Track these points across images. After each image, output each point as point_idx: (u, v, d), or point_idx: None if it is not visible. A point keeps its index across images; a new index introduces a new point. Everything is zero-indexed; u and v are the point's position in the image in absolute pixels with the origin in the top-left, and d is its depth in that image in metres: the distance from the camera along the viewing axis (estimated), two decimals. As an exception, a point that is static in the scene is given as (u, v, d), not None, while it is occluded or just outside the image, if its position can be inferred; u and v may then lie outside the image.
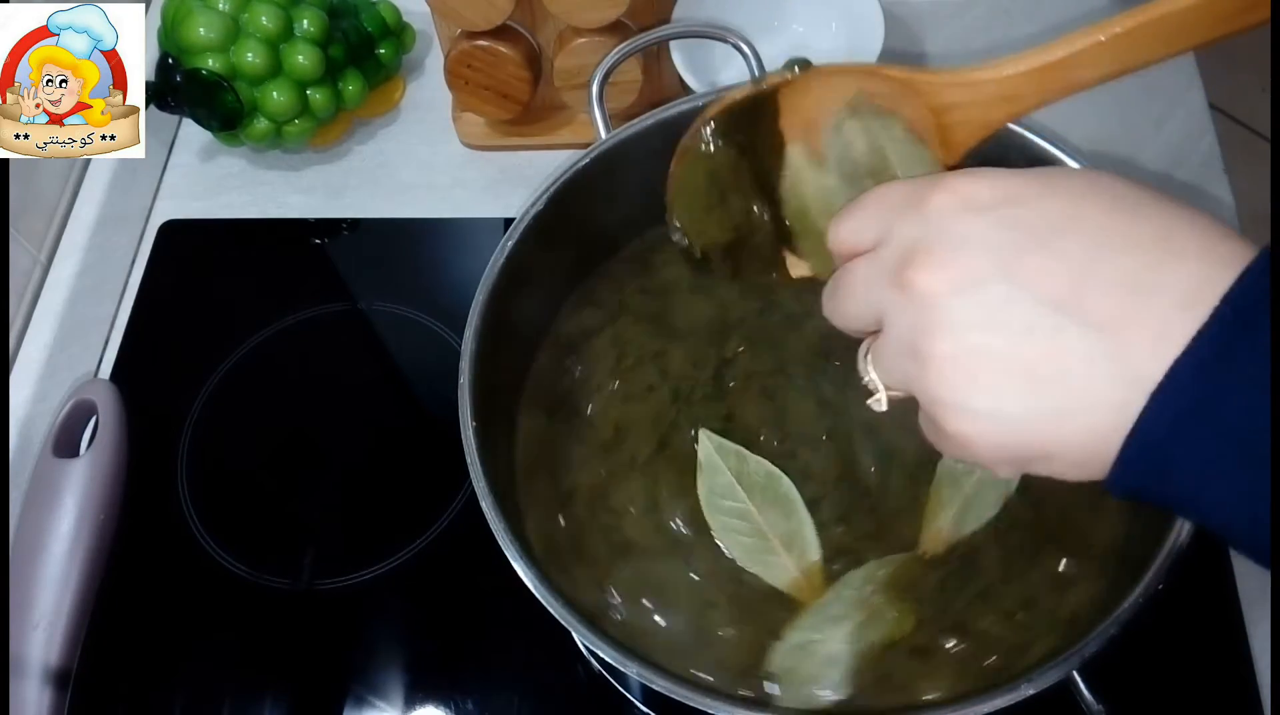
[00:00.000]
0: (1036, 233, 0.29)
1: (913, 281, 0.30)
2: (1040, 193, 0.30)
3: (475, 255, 0.64)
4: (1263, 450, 0.25)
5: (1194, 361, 0.26)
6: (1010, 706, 0.37)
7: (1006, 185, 0.31)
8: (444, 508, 0.56)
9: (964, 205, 0.30)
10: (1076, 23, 0.75)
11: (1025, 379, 0.29)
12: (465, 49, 0.61)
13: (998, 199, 0.30)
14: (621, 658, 0.39)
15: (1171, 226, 0.28)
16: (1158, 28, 0.32)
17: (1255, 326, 0.26)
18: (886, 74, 0.37)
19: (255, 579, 0.55)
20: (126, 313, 0.65)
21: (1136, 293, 0.27)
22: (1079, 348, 0.28)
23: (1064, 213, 0.29)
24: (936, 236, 0.30)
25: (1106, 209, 0.29)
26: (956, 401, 0.30)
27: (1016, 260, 0.29)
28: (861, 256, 0.33)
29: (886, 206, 0.33)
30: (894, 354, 0.32)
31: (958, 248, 0.30)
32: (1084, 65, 0.33)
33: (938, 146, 0.38)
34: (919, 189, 0.32)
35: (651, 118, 0.50)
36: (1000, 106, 0.36)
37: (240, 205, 0.69)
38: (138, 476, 0.58)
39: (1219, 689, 0.49)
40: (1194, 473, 0.27)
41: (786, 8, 0.69)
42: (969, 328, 0.29)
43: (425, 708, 0.51)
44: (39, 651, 0.52)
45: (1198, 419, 0.26)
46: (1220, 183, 0.64)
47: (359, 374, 0.63)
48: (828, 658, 0.43)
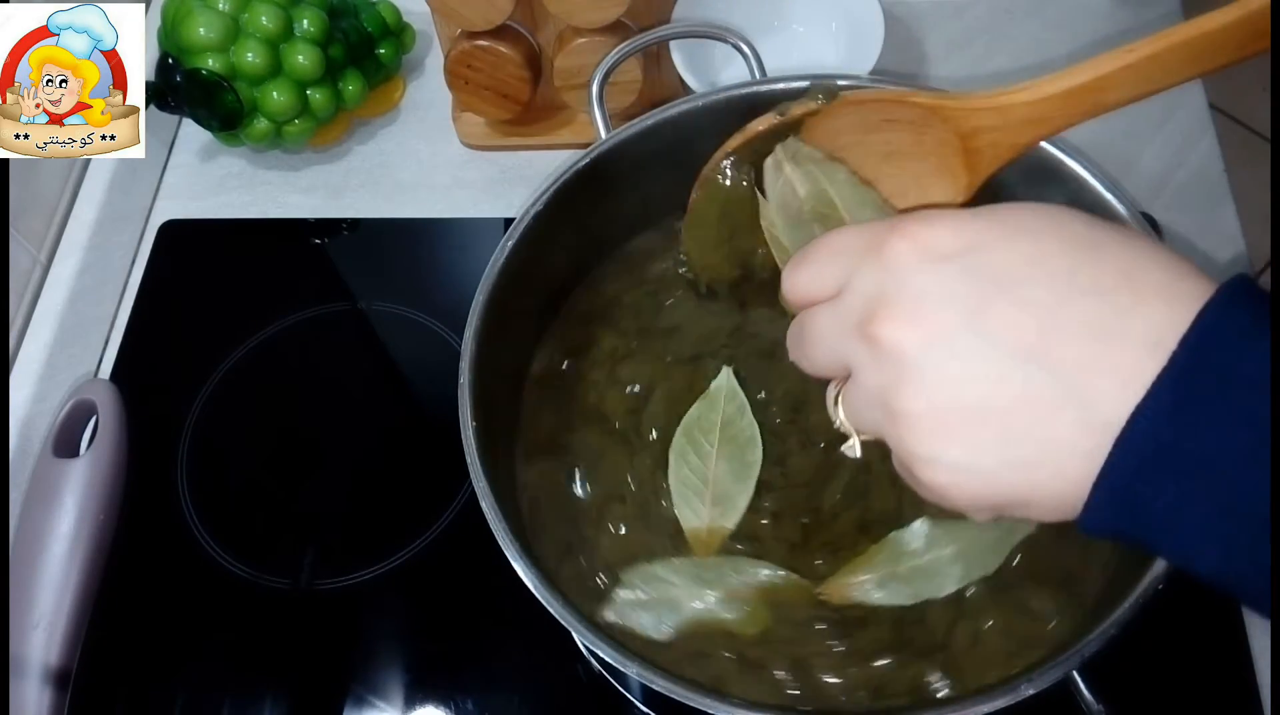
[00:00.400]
0: (1000, 282, 0.29)
1: (878, 336, 0.30)
2: (1001, 237, 0.30)
3: (475, 255, 0.64)
4: (1229, 491, 0.25)
5: (1155, 406, 0.26)
6: (1010, 706, 0.37)
7: (966, 230, 0.30)
8: (444, 508, 0.56)
9: (924, 254, 0.30)
10: (1076, 22, 0.76)
11: (998, 431, 0.29)
12: (465, 49, 0.61)
13: (959, 247, 0.30)
14: (621, 658, 0.39)
15: (1133, 265, 0.28)
16: (1184, 50, 0.31)
17: (1213, 367, 0.26)
18: (914, 100, 0.37)
19: (255, 579, 0.55)
20: (126, 313, 0.65)
21: (1102, 338, 0.27)
22: (1048, 397, 0.28)
23: (1026, 257, 0.29)
24: (898, 288, 0.30)
25: (1068, 249, 0.29)
26: (930, 455, 0.30)
27: (983, 312, 0.29)
28: (823, 304, 0.33)
29: (843, 253, 0.33)
30: (864, 405, 0.32)
31: (922, 300, 0.30)
32: (1111, 87, 0.33)
33: (963, 170, 0.37)
34: (876, 235, 0.31)
35: (651, 118, 0.50)
36: (1028, 129, 0.35)
37: (240, 205, 0.69)
38: (138, 476, 0.58)
39: (1219, 689, 0.49)
40: (1162, 516, 0.27)
41: (786, 8, 0.69)
42: (940, 383, 0.29)
43: (425, 708, 0.51)
44: (39, 651, 0.52)
45: (1162, 463, 0.26)
46: (1220, 183, 0.64)
47: (359, 374, 0.63)
48: (671, 602, 0.44)
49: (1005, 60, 0.71)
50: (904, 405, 0.30)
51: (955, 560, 0.44)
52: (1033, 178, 0.46)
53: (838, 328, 0.32)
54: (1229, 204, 0.64)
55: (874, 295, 0.31)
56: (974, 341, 0.29)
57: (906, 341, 0.30)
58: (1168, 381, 0.26)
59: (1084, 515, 0.28)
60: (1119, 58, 0.32)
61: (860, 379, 0.32)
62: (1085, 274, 0.29)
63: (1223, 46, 0.31)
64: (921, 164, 0.38)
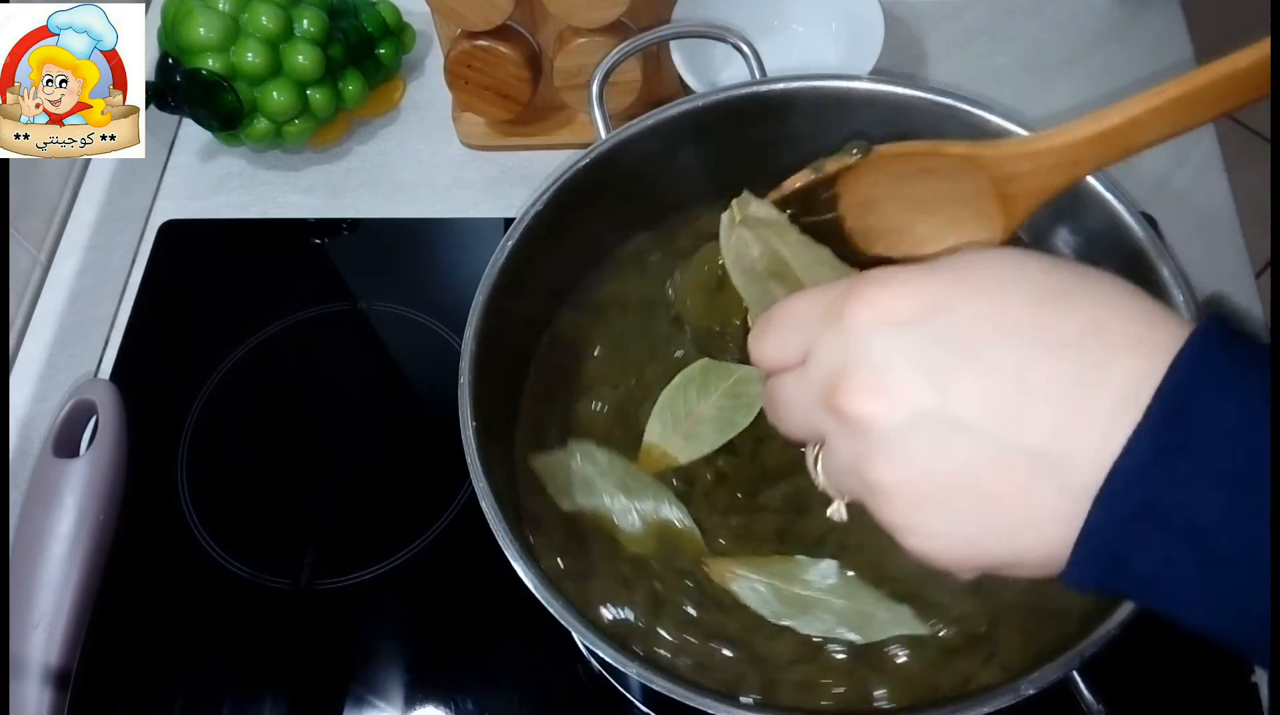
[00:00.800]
0: (964, 346, 0.28)
1: (844, 409, 0.29)
2: (960, 296, 0.29)
3: (475, 255, 0.64)
4: (1212, 545, 0.25)
5: (1131, 465, 0.26)
6: (1010, 706, 0.37)
7: (923, 292, 0.29)
8: (444, 508, 0.56)
9: (882, 319, 0.29)
10: (1076, 22, 0.75)
11: (974, 500, 0.28)
12: (465, 49, 0.61)
13: (917, 309, 0.29)
14: (622, 658, 0.39)
15: (1100, 315, 0.28)
16: (1210, 92, 0.31)
17: (1189, 419, 0.25)
18: (949, 151, 0.38)
19: (255, 579, 0.55)
20: (126, 313, 0.65)
21: (1074, 398, 0.27)
22: (1024, 464, 0.27)
23: (989, 316, 0.28)
24: (859, 358, 0.29)
25: (1031, 301, 0.28)
26: (907, 526, 0.30)
27: (949, 381, 0.28)
28: (789, 374, 0.33)
29: (801, 321, 0.32)
30: (840, 472, 0.31)
31: (884, 370, 0.29)
32: (1140, 129, 0.33)
33: (1000, 214, 0.38)
34: (833, 301, 0.31)
35: (651, 118, 0.50)
36: (1060, 173, 0.36)
37: (240, 205, 0.69)
38: (138, 476, 0.58)
39: (1219, 689, 0.49)
40: (1147, 572, 0.26)
41: (786, 8, 0.69)
42: (910, 457, 0.29)
43: (425, 708, 0.51)
44: (39, 651, 0.52)
45: (1142, 521, 0.26)
46: (1220, 183, 0.64)
47: (359, 374, 0.63)
48: (589, 484, 0.47)
49: (1005, 60, 0.71)
50: (875, 478, 0.29)
51: (836, 613, 0.44)
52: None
53: (804, 399, 0.32)
54: (1229, 204, 0.64)
55: (836, 366, 0.30)
56: (941, 412, 0.28)
57: (871, 414, 0.29)
58: (1143, 437, 0.25)
59: (1068, 572, 0.28)
60: (1147, 100, 0.32)
61: (832, 448, 0.31)
62: (1051, 329, 0.28)
63: (1246, 86, 0.31)
64: (959, 210, 0.38)
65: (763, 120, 0.51)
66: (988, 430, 0.28)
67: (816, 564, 0.44)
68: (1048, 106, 0.68)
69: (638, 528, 0.46)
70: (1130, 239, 0.45)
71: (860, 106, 0.50)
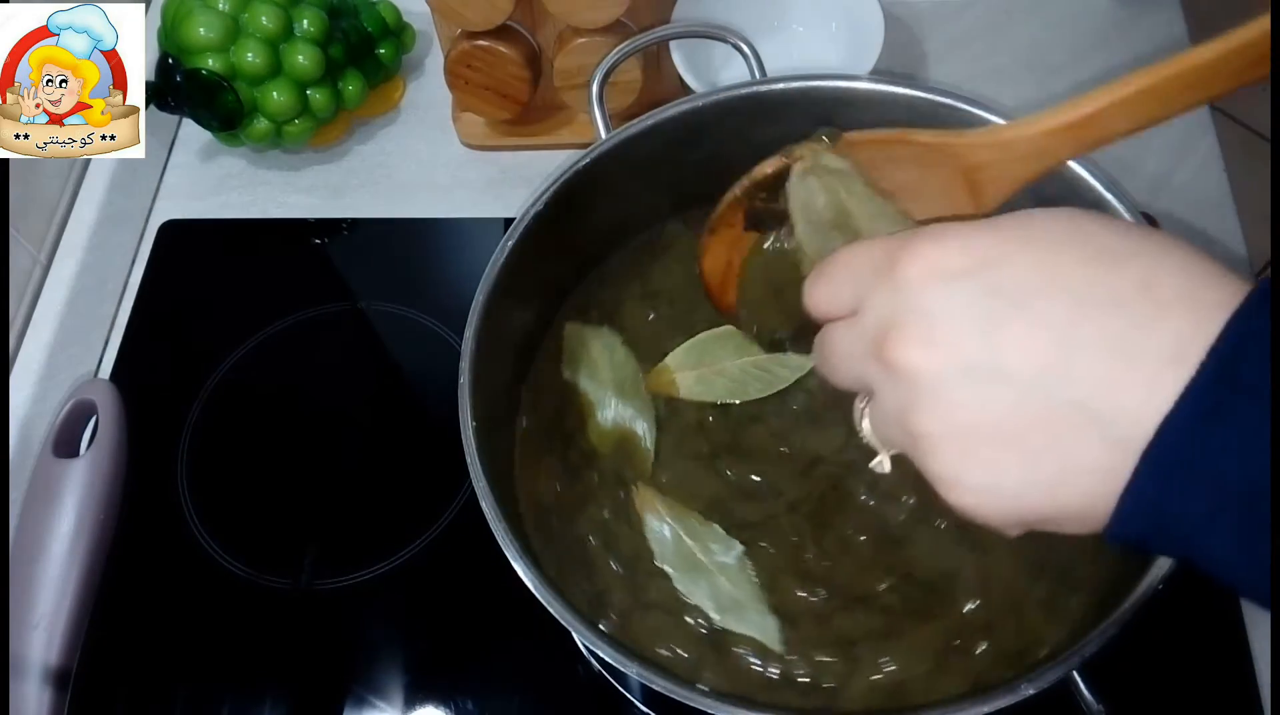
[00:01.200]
0: (1014, 298, 0.29)
1: (894, 359, 0.30)
2: (1013, 250, 0.29)
3: (475, 255, 0.64)
4: (1256, 501, 0.25)
5: (1180, 421, 0.26)
6: (1010, 706, 0.37)
7: (977, 245, 0.30)
8: (444, 508, 0.56)
9: (935, 273, 0.30)
10: (1076, 22, 0.75)
11: (1018, 452, 0.28)
12: (465, 49, 0.61)
13: (970, 264, 0.29)
14: (622, 658, 0.39)
15: (1153, 273, 0.28)
16: (1180, 81, 0.32)
17: (1239, 379, 0.25)
18: (916, 139, 0.38)
19: (255, 579, 0.55)
20: (126, 313, 0.65)
21: (1122, 354, 0.27)
22: (1068, 416, 0.28)
23: (1040, 271, 0.29)
24: (910, 310, 0.30)
25: (1085, 259, 0.29)
26: (952, 477, 0.30)
27: (997, 331, 0.28)
28: (841, 323, 0.33)
29: (856, 272, 0.33)
30: (886, 424, 0.32)
31: (935, 322, 0.29)
32: (1111, 119, 0.33)
33: (970, 204, 0.38)
34: (887, 254, 0.31)
35: (651, 118, 0.50)
36: (1031, 163, 0.36)
37: (240, 205, 0.69)
38: (138, 476, 0.58)
39: (1219, 689, 0.49)
40: (1189, 527, 0.26)
41: (786, 8, 0.69)
42: (956, 406, 0.29)
43: (425, 708, 0.51)
44: (39, 651, 0.52)
45: (1188, 477, 0.26)
46: (1220, 183, 0.64)
47: (359, 374, 0.63)
48: (593, 363, 0.50)
49: (1005, 60, 0.71)
50: (921, 428, 0.30)
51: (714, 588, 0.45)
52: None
53: (855, 348, 0.32)
54: (1229, 204, 0.63)
55: (887, 317, 0.30)
56: (990, 362, 0.28)
57: (920, 364, 0.29)
58: (1194, 393, 0.26)
59: (1111, 526, 0.28)
60: (1115, 91, 0.32)
61: (880, 399, 0.31)
62: (1103, 286, 0.28)
63: (1219, 76, 0.31)
64: (930, 201, 0.39)
65: (763, 120, 0.51)
66: (1033, 381, 0.28)
67: (729, 540, 0.45)
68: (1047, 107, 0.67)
69: (608, 424, 0.49)
70: (1130, 239, 0.45)
71: (860, 106, 0.50)
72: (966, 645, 0.43)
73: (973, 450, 0.29)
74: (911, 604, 0.44)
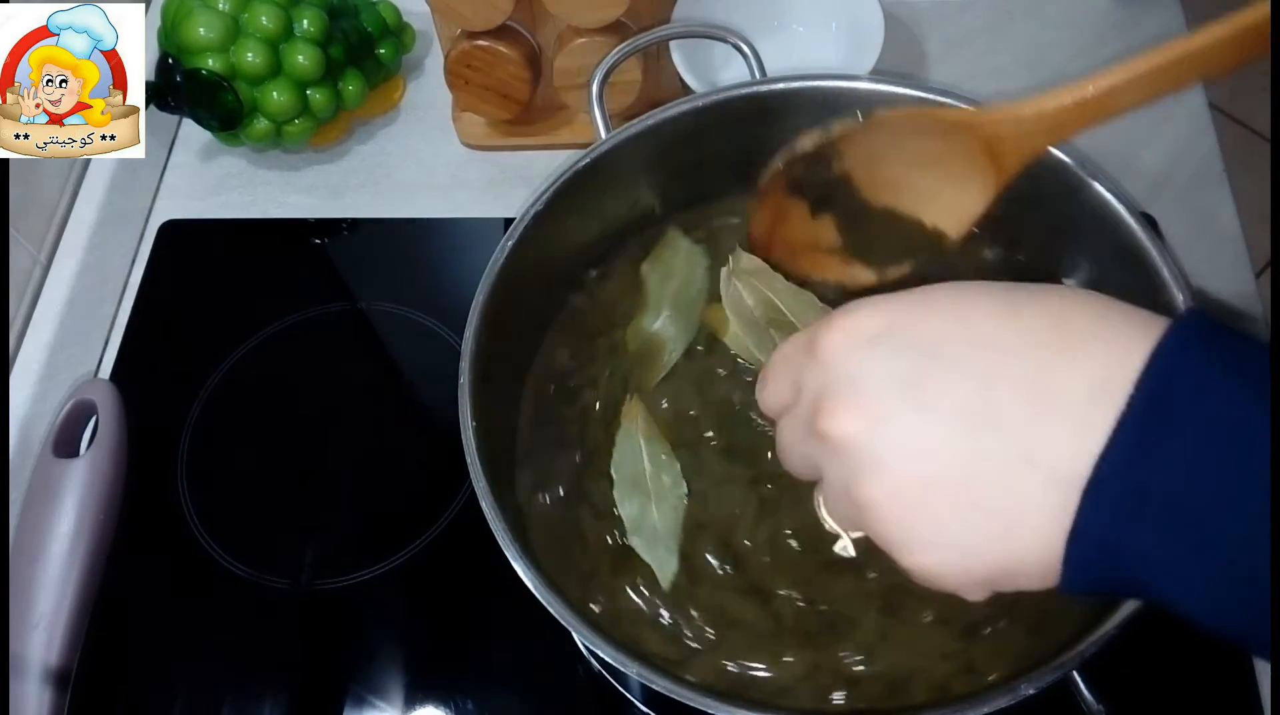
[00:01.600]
0: (930, 352, 0.29)
1: (826, 431, 0.30)
2: (923, 311, 0.30)
3: (475, 255, 0.64)
4: (1206, 531, 0.25)
5: (1117, 457, 0.26)
6: (1010, 706, 0.37)
7: (887, 310, 0.31)
8: (444, 508, 0.56)
9: (852, 341, 0.31)
10: (1076, 22, 0.75)
11: (961, 505, 0.28)
12: (465, 49, 0.61)
13: (882, 327, 0.30)
14: (622, 658, 0.39)
15: (1064, 315, 0.28)
16: (1186, 61, 0.33)
17: (1177, 405, 0.25)
18: (942, 116, 0.41)
19: (255, 579, 0.55)
20: (126, 313, 0.65)
21: (1045, 392, 0.27)
22: (1003, 461, 0.28)
23: (953, 323, 0.29)
24: (834, 380, 0.31)
25: (995, 311, 0.29)
26: (903, 539, 0.30)
27: (919, 386, 0.29)
28: (787, 414, 0.34)
29: (790, 363, 0.34)
30: (836, 501, 0.32)
31: (859, 386, 0.30)
32: (1120, 96, 0.35)
33: (991, 170, 0.40)
34: (812, 336, 0.32)
35: (651, 118, 0.50)
36: (1045, 136, 0.39)
37: (240, 205, 0.69)
38: (138, 476, 0.58)
39: (1219, 689, 0.49)
40: (1142, 564, 0.26)
41: (786, 8, 0.69)
42: (892, 467, 0.29)
43: (425, 708, 0.52)
44: (39, 651, 0.52)
45: (1135, 508, 0.26)
46: (1220, 183, 0.64)
47: (359, 374, 0.63)
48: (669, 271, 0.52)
49: (1005, 60, 0.71)
50: (865, 496, 0.30)
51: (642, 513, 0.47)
52: (1033, 176, 0.46)
53: (798, 431, 0.33)
54: (1229, 204, 0.63)
55: (817, 392, 0.31)
56: (916, 417, 0.29)
57: (851, 430, 0.30)
58: (1130, 424, 0.26)
59: (1065, 572, 0.28)
60: (1127, 70, 0.34)
61: (827, 478, 0.32)
62: (1016, 331, 0.28)
63: (1221, 56, 0.33)
64: (954, 166, 0.41)
65: (763, 120, 0.51)
66: (961, 430, 0.28)
67: (680, 481, 0.47)
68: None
69: (648, 328, 0.51)
70: (1130, 239, 0.45)
71: (860, 106, 0.49)
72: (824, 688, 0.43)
73: (914, 508, 0.29)
74: (800, 624, 0.44)
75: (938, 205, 0.43)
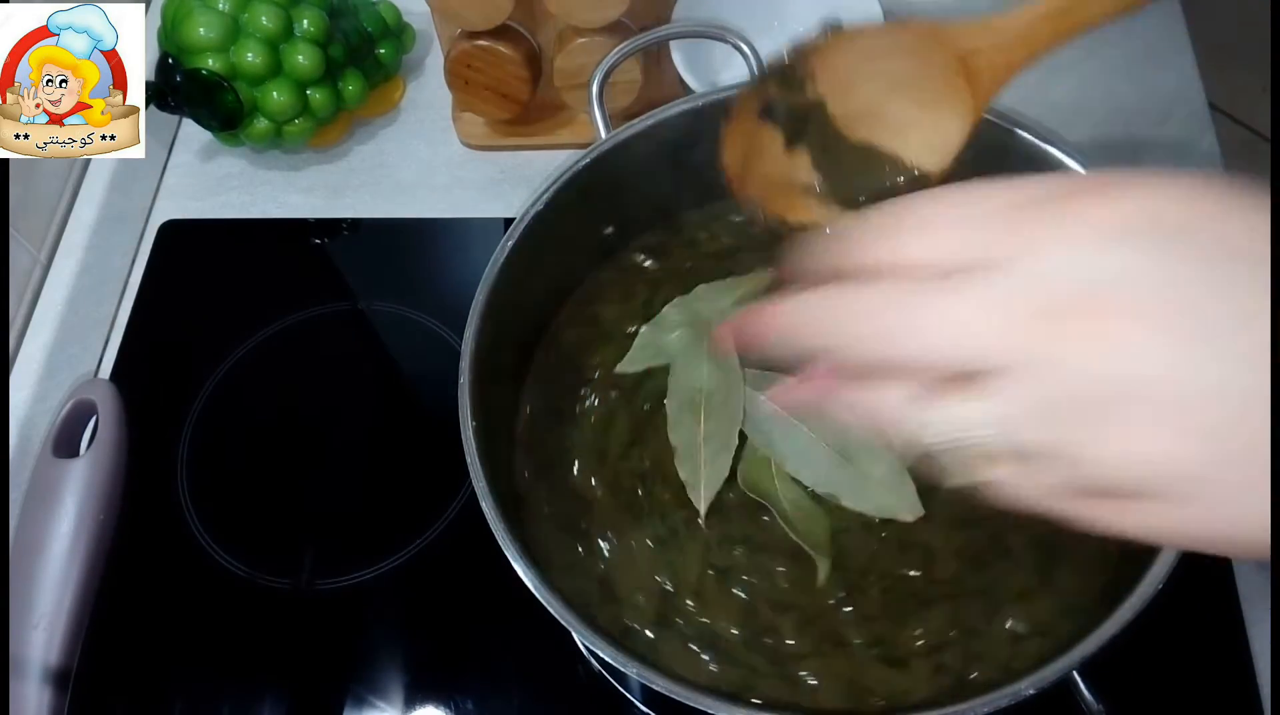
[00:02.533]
0: (1231, 268, 0.23)
1: (1097, 332, 0.23)
2: (1222, 209, 0.24)
3: (475, 255, 0.64)
4: None
5: None
6: (1010, 706, 0.37)
7: (1176, 196, 0.24)
8: (444, 508, 0.56)
9: (1143, 224, 0.24)
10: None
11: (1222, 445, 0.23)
12: (465, 49, 0.61)
13: (1183, 218, 0.24)
14: (622, 658, 0.39)
15: None
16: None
17: None
18: (911, 27, 0.40)
19: (255, 579, 0.55)
20: (126, 313, 0.65)
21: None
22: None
23: (1245, 235, 0.24)
24: (1109, 272, 0.24)
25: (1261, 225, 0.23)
26: (1142, 488, 0.24)
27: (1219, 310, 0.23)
28: (954, 278, 0.26)
29: (976, 217, 0.26)
30: (1031, 418, 0.25)
31: (1145, 294, 0.23)
32: (1091, 3, 0.35)
33: (967, 91, 0.40)
34: (1048, 196, 0.25)
35: (651, 118, 0.50)
36: (1019, 48, 0.38)
37: (240, 205, 0.69)
38: (138, 476, 0.58)
39: (1219, 689, 0.49)
40: None
41: (786, 8, 0.69)
42: (1179, 404, 0.23)
43: (425, 708, 0.51)
44: (39, 651, 0.52)
45: None
46: (1220, 183, 0.64)
47: (359, 374, 0.63)
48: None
49: (1005, 60, 0.70)
50: (1118, 438, 0.24)
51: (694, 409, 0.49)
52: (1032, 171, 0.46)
53: (994, 317, 0.25)
54: (1229, 204, 0.63)
55: (1068, 279, 0.24)
56: (1217, 350, 0.23)
57: (1131, 343, 0.23)
58: None
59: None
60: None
61: (1019, 386, 0.25)
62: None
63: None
64: (929, 88, 0.40)
65: (763, 120, 0.51)
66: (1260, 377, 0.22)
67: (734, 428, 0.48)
68: (1048, 106, 0.67)
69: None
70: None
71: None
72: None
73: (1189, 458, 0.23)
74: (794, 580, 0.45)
75: (916, 137, 0.41)
